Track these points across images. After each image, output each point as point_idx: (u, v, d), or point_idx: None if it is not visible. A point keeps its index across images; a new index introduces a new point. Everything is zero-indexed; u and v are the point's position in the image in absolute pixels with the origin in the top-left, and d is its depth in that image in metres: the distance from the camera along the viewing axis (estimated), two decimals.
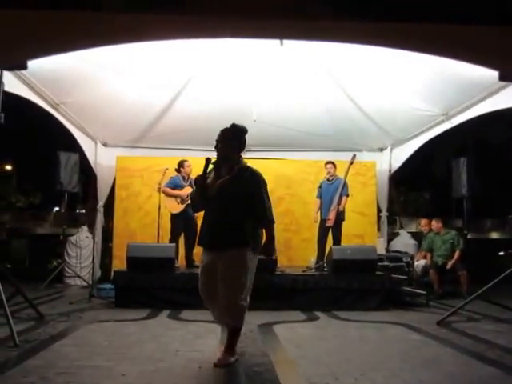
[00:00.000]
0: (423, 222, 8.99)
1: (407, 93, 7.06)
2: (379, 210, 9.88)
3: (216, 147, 3.94)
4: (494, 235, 15.95)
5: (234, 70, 6.83)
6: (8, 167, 19.98)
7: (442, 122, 7.71)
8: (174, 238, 7.60)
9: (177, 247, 7.35)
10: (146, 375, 3.43)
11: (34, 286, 8.05)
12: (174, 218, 7.68)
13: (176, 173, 7.85)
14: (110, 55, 5.89)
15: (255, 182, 3.95)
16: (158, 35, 3.64)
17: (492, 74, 4.82)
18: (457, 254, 8.11)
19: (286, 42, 5.46)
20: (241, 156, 4.04)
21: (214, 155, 4.00)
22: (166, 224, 7.85)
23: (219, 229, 3.84)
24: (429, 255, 8.34)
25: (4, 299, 4.52)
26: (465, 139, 14.15)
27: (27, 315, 5.60)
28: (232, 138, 3.93)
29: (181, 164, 7.82)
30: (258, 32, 3.66)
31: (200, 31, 3.58)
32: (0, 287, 4.58)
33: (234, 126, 3.97)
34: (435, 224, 8.47)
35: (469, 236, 9.24)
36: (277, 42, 5.46)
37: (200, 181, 3.91)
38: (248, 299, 3.86)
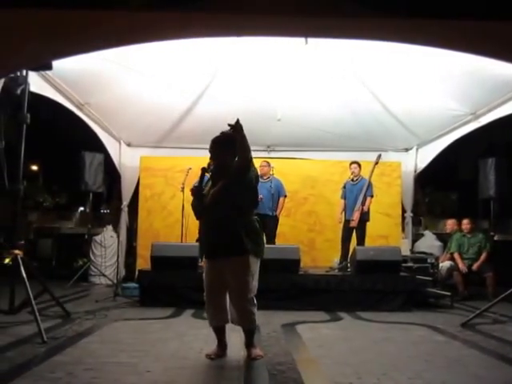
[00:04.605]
0: (450, 221, 8.85)
1: (434, 92, 6.99)
2: (404, 211, 9.79)
3: (212, 156, 3.97)
4: None
5: (257, 69, 6.84)
6: (34, 167, 20.26)
7: (470, 121, 7.61)
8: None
9: None
10: (170, 372, 3.46)
11: (61, 284, 8.15)
12: None
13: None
14: (133, 56, 5.96)
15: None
16: (184, 33, 3.65)
17: None
18: (483, 255, 7.99)
19: (310, 40, 5.44)
20: None
21: None
22: (190, 224, 7.88)
23: (218, 238, 3.86)
24: (457, 255, 8.12)
25: (32, 297, 4.61)
26: (493, 139, 13.93)
27: (54, 313, 5.68)
28: (228, 146, 3.91)
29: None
30: (283, 30, 3.65)
31: (224, 29, 3.58)
32: (28, 286, 4.68)
33: (225, 134, 3.93)
34: (466, 224, 8.33)
35: (496, 237, 9.10)
36: (301, 40, 5.44)
37: (196, 191, 3.94)
38: (255, 300, 3.90)
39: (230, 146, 3.88)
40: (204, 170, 4.01)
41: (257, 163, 4.31)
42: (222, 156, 3.93)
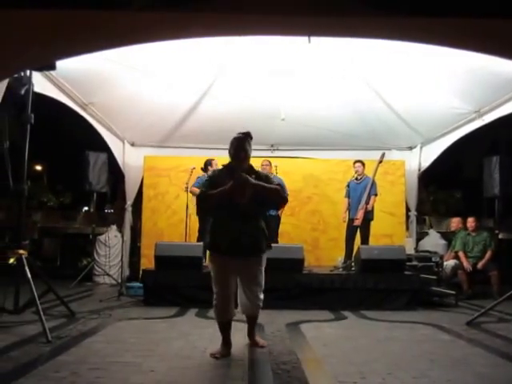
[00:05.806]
0: (454, 220, 8.83)
1: (437, 90, 6.97)
2: (408, 210, 9.77)
3: (236, 157, 4.00)
4: None
5: (260, 69, 6.84)
6: (39, 167, 20.29)
7: (474, 119, 7.58)
8: (202, 237, 7.60)
9: None
10: (174, 372, 3.46)
11: (65, 283, 8.17)
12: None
13: (203, 172, 7.84)
14: (136, 56, 5.97)
15: (270, 179, 4.19)
16: (185, 33, 3.65)
17: None
18: (488, 253, 7.97)
19: (313, 39, 5.42)
20: None
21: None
22: (194, 223, 7.89)
23: (244, 237, 3.91)
24: (462, 254, 8.10)
25: (36, 297, 4.63)
26: (497, 137, 13.88)
27: (59, 312, 5.70)
28: (249, 146, 4.03)
29: (208, 163, 7.80)
30: (284, 29, 3.64)
31: (224, 29, 3.58)
32: (33, 285, 4.69)
33: (247, 134, 4.05)
34: (471, 222, 8.31)
35: (500, 236, 9.08)
36: (304, 39, 5.43)
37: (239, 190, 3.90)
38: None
39: (250, 146, 4.04)
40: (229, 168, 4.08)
41: (259, 162, 4.33)
42: (247, 157, 4.02)
